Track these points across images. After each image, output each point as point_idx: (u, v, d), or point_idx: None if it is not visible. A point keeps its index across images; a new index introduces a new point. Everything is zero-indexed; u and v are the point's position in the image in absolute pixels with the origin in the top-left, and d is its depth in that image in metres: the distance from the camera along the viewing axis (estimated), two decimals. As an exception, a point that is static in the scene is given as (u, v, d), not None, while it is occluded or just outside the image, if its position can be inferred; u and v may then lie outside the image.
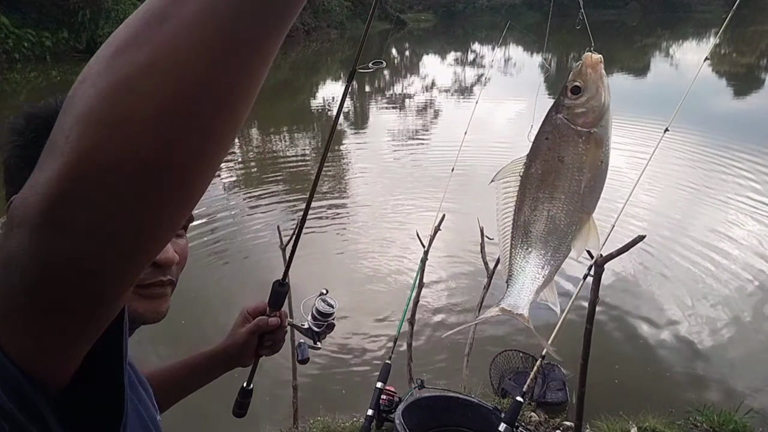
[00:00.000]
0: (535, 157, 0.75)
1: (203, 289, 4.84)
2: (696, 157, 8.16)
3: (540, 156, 0.75)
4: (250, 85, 0.34)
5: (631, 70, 21.05)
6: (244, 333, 1.07)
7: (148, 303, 0.74)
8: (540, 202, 0.77)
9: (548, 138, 0.73)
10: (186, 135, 0.32)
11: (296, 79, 21.40)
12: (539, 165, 0.75)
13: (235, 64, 0.32)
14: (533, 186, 0.77)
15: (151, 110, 0.31)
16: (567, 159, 0.73)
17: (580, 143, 0.72)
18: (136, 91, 0.30)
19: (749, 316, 4.50)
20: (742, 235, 5.80)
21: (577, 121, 0.71)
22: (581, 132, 0.71)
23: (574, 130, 0.71)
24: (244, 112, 0.35)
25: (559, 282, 5.07)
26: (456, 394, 2.79)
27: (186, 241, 0.82)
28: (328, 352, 4.05)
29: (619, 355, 4.04)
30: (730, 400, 3.43)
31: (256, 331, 1.07)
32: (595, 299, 2.41)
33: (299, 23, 32.88)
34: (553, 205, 0.76)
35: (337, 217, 6.66)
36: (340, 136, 12.10)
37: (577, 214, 0.77)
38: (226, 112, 0.33)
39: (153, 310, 0.75)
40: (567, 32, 38.47)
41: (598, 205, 0.78)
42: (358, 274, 5.28)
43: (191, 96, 0.31)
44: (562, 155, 0.73)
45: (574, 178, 0.74)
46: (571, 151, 0.72)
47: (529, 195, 0.78)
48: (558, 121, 0.72)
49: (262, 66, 0.34)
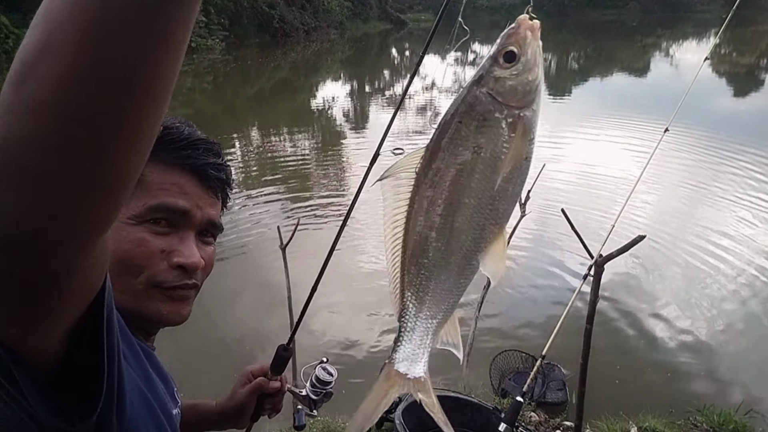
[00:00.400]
0: (441, 148, 0.56)
1: (202, 288, 4.84)
2: (696, 157, 8.16)
3: (449, 146, 0.56)
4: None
5: (631, 70, 21.06)
6: (244, 393, 1.07)
7: (171, 305, 0.75)
8: (443, 211, 0.58)
9: (462, 121, 0.55)
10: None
11: (296, 79, 21.41)
12: (446, 158, 0.56)
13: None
14: (435, 188, 0.57)
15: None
16: (485, 150, 0.55)
17: (504, 129, 0.55)
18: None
19: (749, 316, 4.50)
20: (742, 234, 5.80)
21: (506, 98, 0.55)
22: (509, 113, 0.55)
23: (500, 111, 0.55)
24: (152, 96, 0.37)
25: (560, 281, 5.08)
26: (456, 394, 2.79)
27: (213, 248, 0.83)
28: (328, 353, 4.05)
29: (620, 355, 4.04)
30: (730, 400, 3.43)
31: (256, 391, 1.08)
32: (595, 299, 2.40)
33: (299, 23, 32.91)
34: (461, 214, 0.58)
35: (336, 213, 6.66)
36: (340, 134, 12.11)
37: (489, 227, 0.59)
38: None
39: (176, 312, 0.76)
40: (567, 32, 38.25)
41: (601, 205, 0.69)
42: (357, 272, 5.28)
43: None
44: (480, 145, 0.55)
45: (491, 178, 0.56)
46: (492, 139, 0.55)
47: (427, 201, 0.58)
48: (481, 97, 0.55)
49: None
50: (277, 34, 31.12)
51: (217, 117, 14.01)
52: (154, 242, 0.72)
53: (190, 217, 0.75)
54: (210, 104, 15.87)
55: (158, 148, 0.72)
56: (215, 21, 26.57)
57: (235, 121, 13.41)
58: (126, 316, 0.69)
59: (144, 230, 0.72)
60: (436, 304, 0.63)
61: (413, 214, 0.59)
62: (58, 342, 0.48)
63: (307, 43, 31.46)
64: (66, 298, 0.45)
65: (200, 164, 0.76)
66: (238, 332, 4.30)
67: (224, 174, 0.80)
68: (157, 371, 0.76)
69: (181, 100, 16.03)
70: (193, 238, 0.77)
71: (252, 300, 4.76)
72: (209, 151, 0.78)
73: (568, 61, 26.43)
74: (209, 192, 0.78)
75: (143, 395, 0.66)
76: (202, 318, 4.38)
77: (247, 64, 23.53)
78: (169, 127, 0.75)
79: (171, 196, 0.73)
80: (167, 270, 0.73)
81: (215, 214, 0.80)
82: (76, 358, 0.50)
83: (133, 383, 0.64)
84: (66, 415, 0.49)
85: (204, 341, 4.14)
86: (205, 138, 0.79)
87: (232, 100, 16.65)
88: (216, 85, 19.01)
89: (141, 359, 0.70)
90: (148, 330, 0.79)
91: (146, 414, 0.65)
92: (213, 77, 20.39)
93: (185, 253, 0.74)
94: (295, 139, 11.54)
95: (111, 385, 0.52)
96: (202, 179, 0.77)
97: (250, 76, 20.86)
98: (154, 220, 0.72)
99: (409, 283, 0.62)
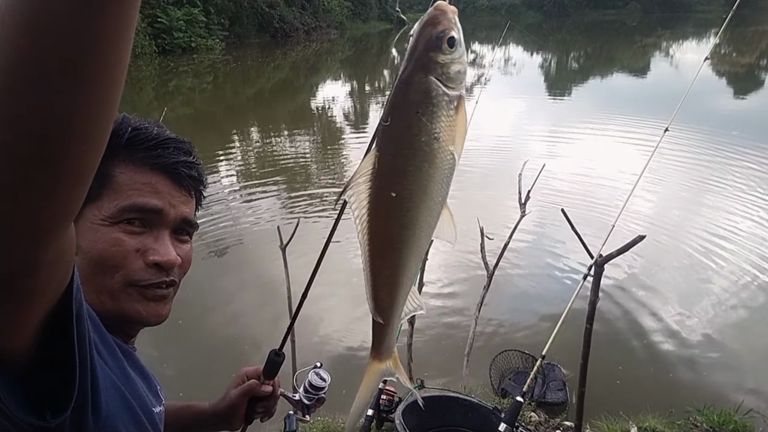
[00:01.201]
0: (401, 144, 0.57)
1: (201, 288, 4.84)
2: (696, 156, 8.16)
3: (408, 139, 0.56)
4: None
5: (631, 70, 21.06)
6: (236, 394, 1.08)
7: (149, 305, 0.75)
8: (407, 204, 0.59)
9: (420, 111, 0.56)
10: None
11: (296, 79, 21.41)
12: (407, 152, 0.57)
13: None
14: (399, 184, 0.58)
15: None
16: (443, 136, 0.57)
17: (452, 111, 0.57)
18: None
19: (750, 316, 4.50)
20: (743, 235, 5.80)
21: (452, 82, 0.56)
22: (454, 96, 0.56)
23: (448, 95, 0.56)
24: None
25: (560, 281, 5.08)
26: (456, 394, 2.79)
27: (190, 246, 0.83)
28: (328, 352, 4.05)
29: (620, 355, 4.04)
30: (730, 400, 3.43)
31: (248, 393, 1.08)
32: (595, 299, 2.40)
33: (299, 23, 32.92)
34: (425, 203, 0.60)
35: (336, 210, 6.63)
36: (340, 132, 12.11)
37: (442, 206, 0.62)
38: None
39: (154, 313, 0.76)
40: (567, 32, 38.20)
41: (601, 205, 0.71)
42: (356, 270, 5.26)
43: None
44: (438, 132, 0.56)
45: (447, 160, 0.58)
46: (446, 123, 0.57)
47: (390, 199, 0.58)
48: (432, 85, 0.55)
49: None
50: (277, 34, 31.12)
51: (217, 117, 14.01)
52: (129, 242, 0.72)
53: (164, 215, 0.76)
54: (210, 104, 15.87)
55: (128, 149, 0.73)
56: (215, 21, 26.57)
57: (235, 120, 13.41)
58: (105, 317, 0.69)
59: (118, 230, 0.72)
60: (405, 292, 0.67)
61: (375, 214, 0.60)
62: (28, 338, 0.48)
63: (307, 43, 31.45)
64: (33, 295, 0.45)
65: (171, 163, 0.76)
66: (238, 331, 4.30)
67: (196, 172, 0.80)
68: (138, 369, 0.76)
69: (181, 100, 16.04)
70: (167, 236, 0.77)
71: (252, 299, 4.75)
72: (179, 150, 0.78)
73: (568, 61, 26.44)
74: (182, 190, 0.78)
75: (120, 392, 0.66)
76: (202, 317, 4.38)
77: (247, 64, 23.52)
78: (137, 127, 0.75)
79: (143, 196, 0.73)
80: (143, 268, 0.74)
81: (189, 212, 0.80)
82: (47, 353, 0.50)
83: (108, 379, 0.64)
84: (39, 412, 0.49)
85: (203, 340, 4.14)
86: (174, 137, 0.79)
87: (232, 100, 16.65)
88: (216, 85, 19.01)
89: (117, 356, 0.70)
90: (127, 331, 0.78)
91: (124, 411, 0.65)
92: (213, 77, 20.40)
93: (161, 251, 0.74)
94: (295, 138, 11.54)
95: (84, 378, 0.52)
96: (174, 178, 0.77)
97: (250, 76, 20.86)
98: (128, 221, 0.73)
99: (381, 283, 0.65)
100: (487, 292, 3.56)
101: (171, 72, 20.75)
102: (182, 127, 12.07)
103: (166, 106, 12.15)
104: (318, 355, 3.80)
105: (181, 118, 12.99)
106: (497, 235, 3.86)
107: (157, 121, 0.81)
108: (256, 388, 1.07)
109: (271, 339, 4.12)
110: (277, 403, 1.14)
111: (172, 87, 18.20)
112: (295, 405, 1.22)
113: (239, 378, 1.11)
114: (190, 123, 12.69)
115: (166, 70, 21.00)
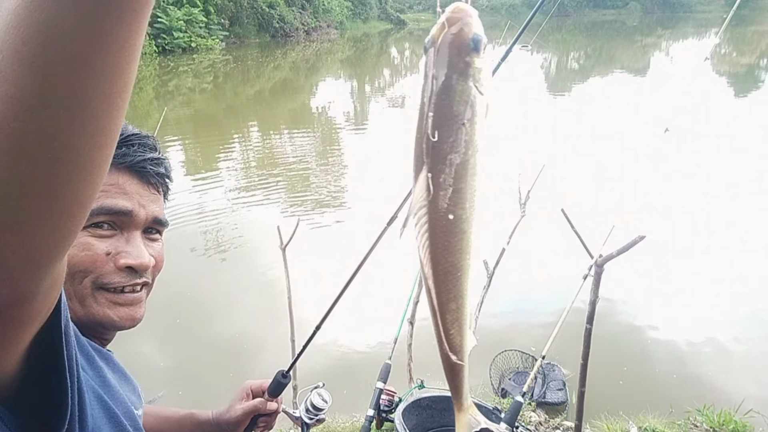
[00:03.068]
0: (451, 160, 0.51)
1: (199, 287, 4.84)
2: (696, 156, 8.15)
3: (458, 153, 0.51)
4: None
5: (631, 70, 21.06)
6: (241, 411, 1.08)
7: (122, 309, 0.73)
8: (466, 226, 0.54)
9: (466, 122, 0.50)
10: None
11: (296, 78, 21.40)
12: (459, 168, 0.52)
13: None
14: (454, 205, 0.52)
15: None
16: (482, 146, 0.52)
17: (486, 120, 0.53)
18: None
19: (750, 316, 4.50)
20: (744, 234, 5.80)
21: (485, 86, 0.51)
22: (486, 100, 0.52)
23: (483, 101, 0.51)
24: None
25: (560, 281, 5.08)
26: (456, 394, 2.78)
27: (161, 244, 0.81)
28: (328, 353, 4.05)
29: (620, 355, 4.04)
30: (730, 400, 3.42)
31: (252, 413, 1.08)
32: (595, 299, 2.40)
33: (299, 23, 32.92)
34: (477, 223, 0.55)
35: (336, 213, 6.67)
36: (341, 134, 12.10)
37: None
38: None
39: (128, 317, 0.74)
40: (567, 32, 38.15)
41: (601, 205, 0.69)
42: (354, 284, 5.26)
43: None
44: (479, 142, 0.52)
45: (487, 172, 0.54)
46: (483, 134, 0.52)
47: (449, 223, 0.53)
48: (473, 92, 0.50)
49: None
50: (277, 34, 31.12)
51: (217, 117, 14.01)
52: (98, 245, 0.70)
53: (134, 216, 0.73)
54: (210, 104, 15.87)
55: None
56: (215, 21, 26.59)
57: (235, 121, 13.41)
58: (78, 323, 0.68)
59: (86, 234, 0.69)
60: (468, 325, 0.61)
61: (434, 242, 0.53)
62: (15, 363, 0.47)
63: (307, 43, 31.45)
64: (27, 322, 0.44)
65: (137, 161, 0.73)
66: (237, 330, 4.30)
67: (163, 168, 0.78)
68: (118, 372, 0.75)
69: (181, 100, 16.04)
70: (139, 237, 0.75)
71: (251, 299, 4.75)
72: (145, 146, 0.75)
73: (568, 61, 26.43)
74: (150, 188, 0.76)
75: (102, 401, 0.65)
76: (201, 316, 4.38)
77: (247, 64, 23.52)
78: None
79: (110, 198, 0.71)
80: (114, 271, 0.72)
81: (159, 210, 0.78)
82: (34, 376, 0.48)
83: (91, 391, 0.63)
84: None
85: (203, 340, 4.15)
86: (138, 132, 0.76)
87: (232, 100, 16.65)
88: (216, 85, 19.01)
89: (96, 364, 0.69)
90: (102, 336, 0.76)
91: (106, 420, 0.65)
92: (213, 77, 20.40)
93: (133, 254, 0.72)
94: (294, 138, 11.54)
95: (74, 398, 0.51)
96: (141, 176, 0.74)
97: (250, 76, 20.85)
98: (96, 224, 0.70)
99: (451, 320, 0.58)
100: (486, 292, 3.56)
101: (171, 72, 20.76)
102: (182, 127, 12.08)
103: (166, 106, 12.18)
104: (318, 357, 3.80)
105: (181, 118, 13.00)
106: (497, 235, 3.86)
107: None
108: (261, 408, 1.08)
109: (270, 339, 4.13)
110: (277, 417, 1.15)
111: (172, 87, 18.19)
112: (294, 422, 1.25)
113: (243, 391, 1.11)
114: (190, 123, 12.69)
115: (166, 70, 21.01)
